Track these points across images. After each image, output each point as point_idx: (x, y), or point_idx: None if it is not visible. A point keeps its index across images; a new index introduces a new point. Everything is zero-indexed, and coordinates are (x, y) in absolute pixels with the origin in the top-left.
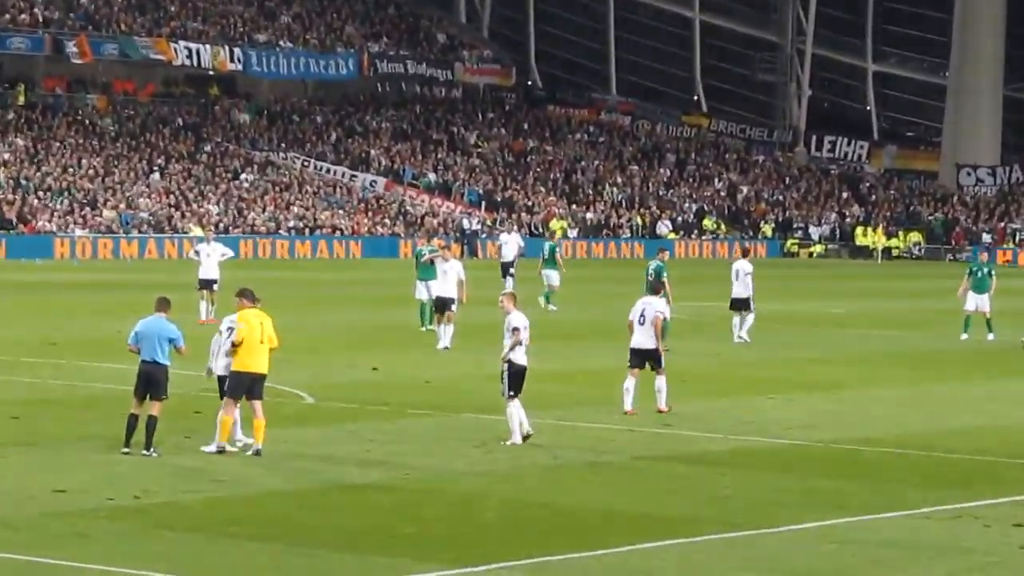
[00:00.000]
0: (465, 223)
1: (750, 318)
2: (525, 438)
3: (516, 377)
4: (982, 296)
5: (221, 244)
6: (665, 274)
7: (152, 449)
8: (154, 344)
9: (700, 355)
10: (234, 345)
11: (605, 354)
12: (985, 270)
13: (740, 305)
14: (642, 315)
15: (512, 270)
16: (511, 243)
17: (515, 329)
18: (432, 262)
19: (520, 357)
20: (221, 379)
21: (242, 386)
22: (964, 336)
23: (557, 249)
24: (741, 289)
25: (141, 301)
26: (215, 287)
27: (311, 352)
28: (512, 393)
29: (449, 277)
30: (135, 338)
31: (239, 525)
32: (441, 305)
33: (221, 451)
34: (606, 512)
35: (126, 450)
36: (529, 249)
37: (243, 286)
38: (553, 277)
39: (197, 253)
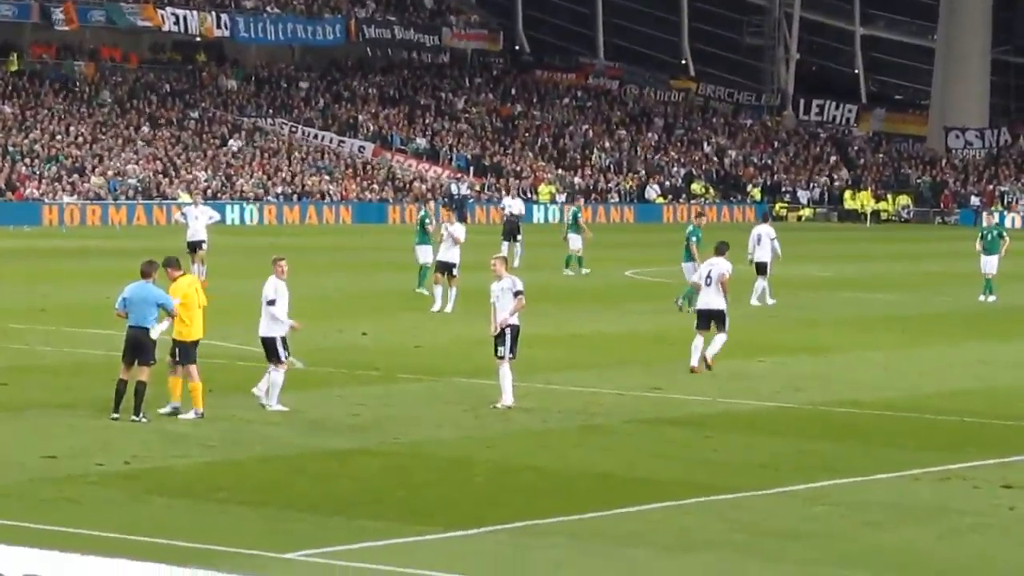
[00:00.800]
0: (454, 188)
1: (761, 283)
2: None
3: (517, 339)
4: (991, 257)
5: (209, 207)
6: (694, 239)
7: (141, 414)
8: (142, 309)
9: (687, 319)
10: (171, 316)
11: (593, 318)
12: (995, 232)
13: (762, 269)
14: (708, 276)
15: (519, 235)
16: (516, 206)
17: (518, 293)
18: (424, 227)
19: (516, 319)
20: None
21: (191, 353)
22: (983, 298)
23: (579, 214)
24: (763, 253)
25: (130, 268)
26: (204, 247)
27: (301, 317)
28: (512, 356)
29: (453, 243)
30: (123, 303)
31: (228, 490)
32: (445, 268)
33: (175, 412)
34: (596, 475)
35: (115, 416)
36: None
37: (168, 255)
38: (576, 241)
39: (184, 216)
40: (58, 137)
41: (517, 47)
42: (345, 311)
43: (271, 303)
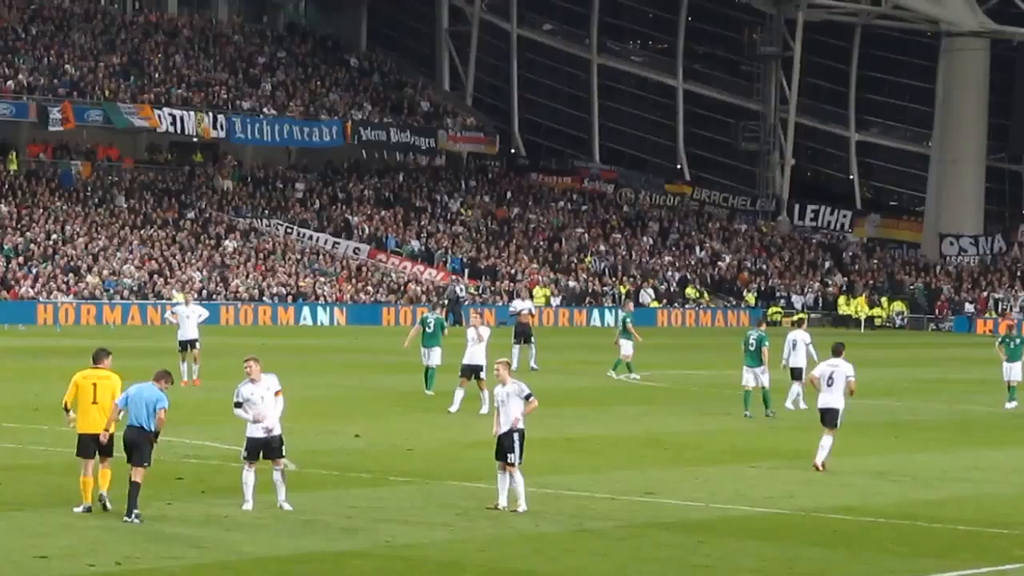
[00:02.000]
0: (459, 290)
1: (795, 388)
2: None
3: (523, 443)
4: (1015, 364)
5: (199, 306)
6: (767, 343)
7: (133, 515)
8: (142, 410)
9: (681, 423)
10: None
11: (587, 422)
12: (1018, 340)
13: (797, 375)
14: (831, 377)
15: (532, 337)
16: (526, 306)
17: (529, 396)
18: (440, 331)
19: (503, 425)
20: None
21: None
22: (1009, 405)
23: (629, 319)
24: (797, 359)
25: (124, 367)
26: (197, 347)
27: (293, 418)
28: (520, 461)
29: (480, 344)
30: (124, 400)
31: None
32: (472, 371)
33: (87, 511)
34: None
35: (135, 520)
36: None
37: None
38: (627, 347)
39: (175, 315)
40: (54, 236)
41: (513, 150)
42: (338, 412)
43: (238, 405)
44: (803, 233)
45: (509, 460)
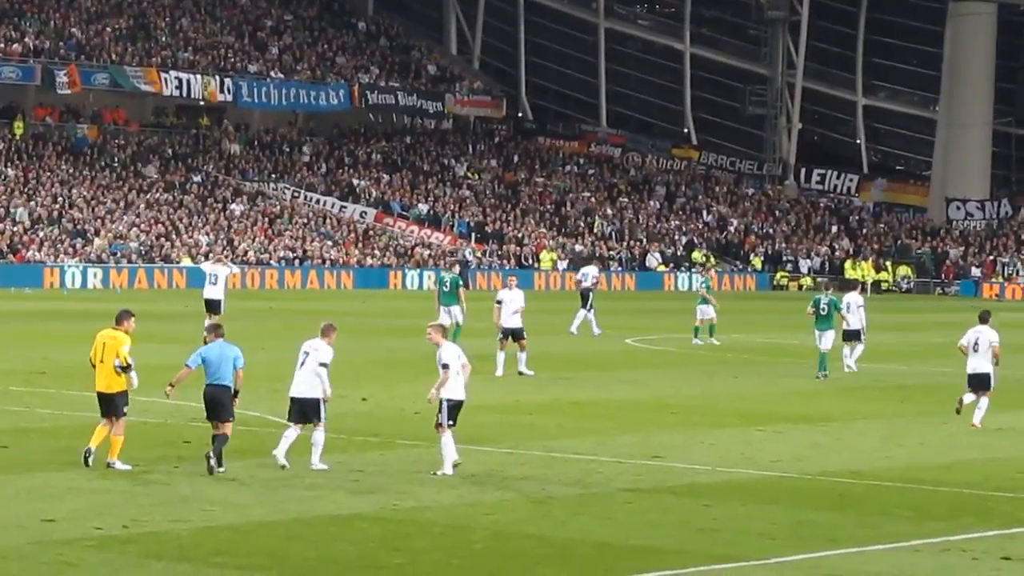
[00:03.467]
0: (468, 254)
1: (859, 348)
2: (454, 467)
3: (453, 411)
4: None
5: (225, 265)
6: (839, 307)
7: (223, 463)
8: (221, 367)
9: (689, 387)
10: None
11: (592, 386)
12: None
13: (852, 336)
14: (976, 343)
15: (591, 302)
16: (590, 274)
17: (444, 366)
18: (456, 289)
19: (455, 392)
20: (294, 400)
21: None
22: None
23: (706, 285)
24: (854, 321)
25: (136, 330)
26: (222, 309)
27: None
28: (451, 423)
29: (512, 307)
30: (197, 360)
31: (226, 555)
32: (512, 334)
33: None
34: (595, 544)
35: (220, 469)
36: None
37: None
38: (708, 311)
39: (213, 276)
40: (60, 200)
41: (520, 114)
42: (345, 376)
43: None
44: (810, 197)
45: (436, 423)
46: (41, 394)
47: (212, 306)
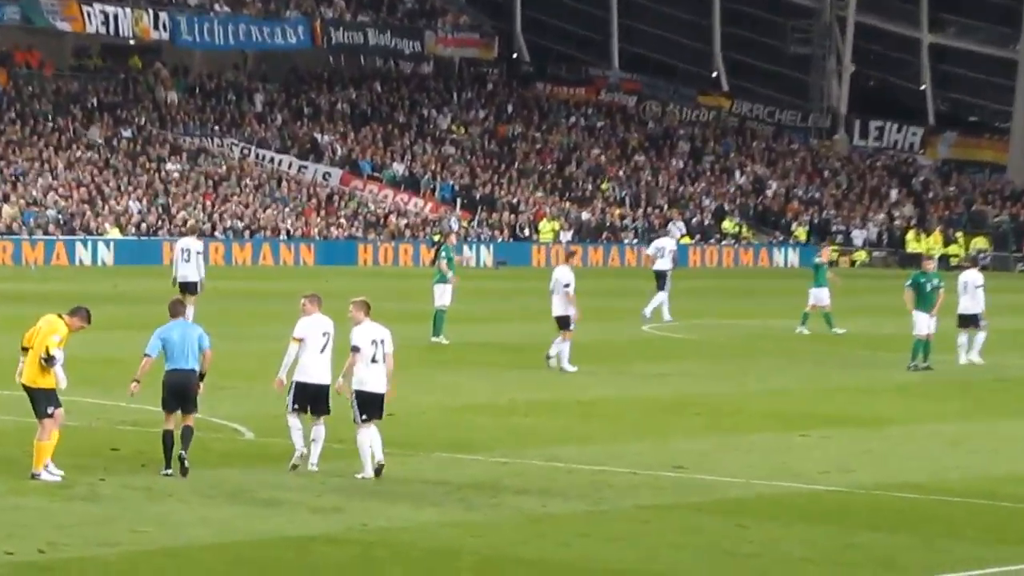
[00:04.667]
0: (453, 223)
1: (981, 336)
2: (378, 471)
3: (366, 404)
4: None
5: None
6: (943, 286)
7: (184, 460)
8: (185, 350)
9: (719, 383)
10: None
11: (603, 383)
12: None
13: (969, 322)
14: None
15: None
16: (667, 249)
17: (355, 348)
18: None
19: (371, 383)
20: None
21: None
22: None
23: (827, 265)
24: (970, 303)
25: (46, 315)
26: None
27: (250, 379)
28: (364, 417)
29: (559, 289)
30: (157, 347)
31: None
32: (561, 321)
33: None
34: (605, 571)
35: (167, 471)
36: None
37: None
38: (822, 295)
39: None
40: None
41: (515, 55)
42: None
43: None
44: (864, 154)
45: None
46: None
47: (188, 289)
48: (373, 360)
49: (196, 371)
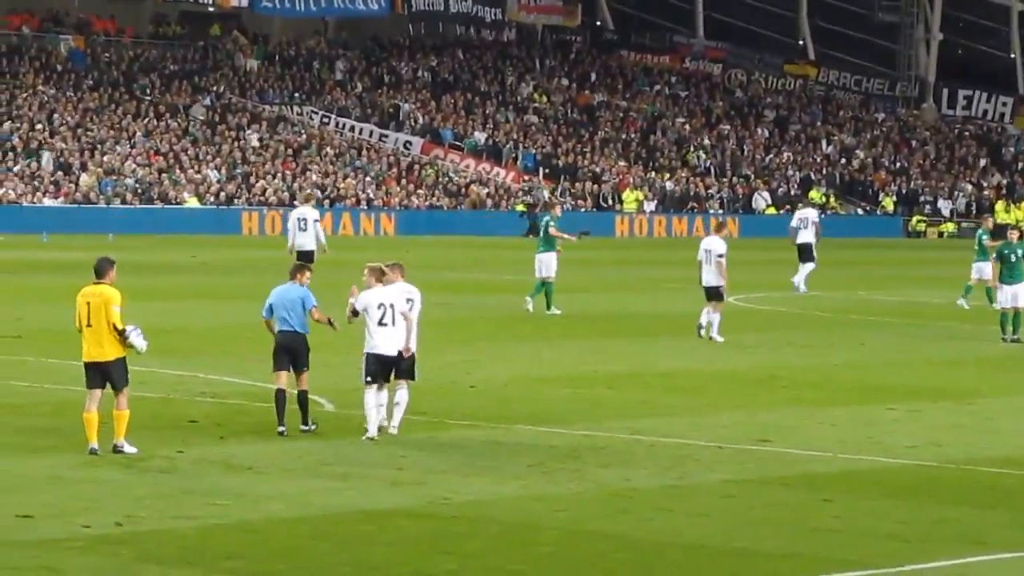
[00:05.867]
0: (547, 194)
1: None
2: (381, 431)
3: (373, 366)
4: None
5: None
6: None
7: (311, 423)
8: (291, 312)
9: (803, 356)
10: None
11: (686, 354)
12: None
13: None
14: None
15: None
16: (810, 219)
17: (353, 312)
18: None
19: (380, 345)
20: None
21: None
22: None
23: (986, 236)
24: None
25: (127, 285)
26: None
27: (331, 350)
28: (369, 379)
29: (710, 259)
30: (268, 311)
31: (238, 559)
32: (712, 293)
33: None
34: (687, 546)
35: (282, 429)
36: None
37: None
38: (984, 270)
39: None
40: (39, 127)
41: (599, 23)
42: None
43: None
44: (953, 124)
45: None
46: (16, 363)
47: (305, 257)
48: (381, 323)
49: (301, 333)
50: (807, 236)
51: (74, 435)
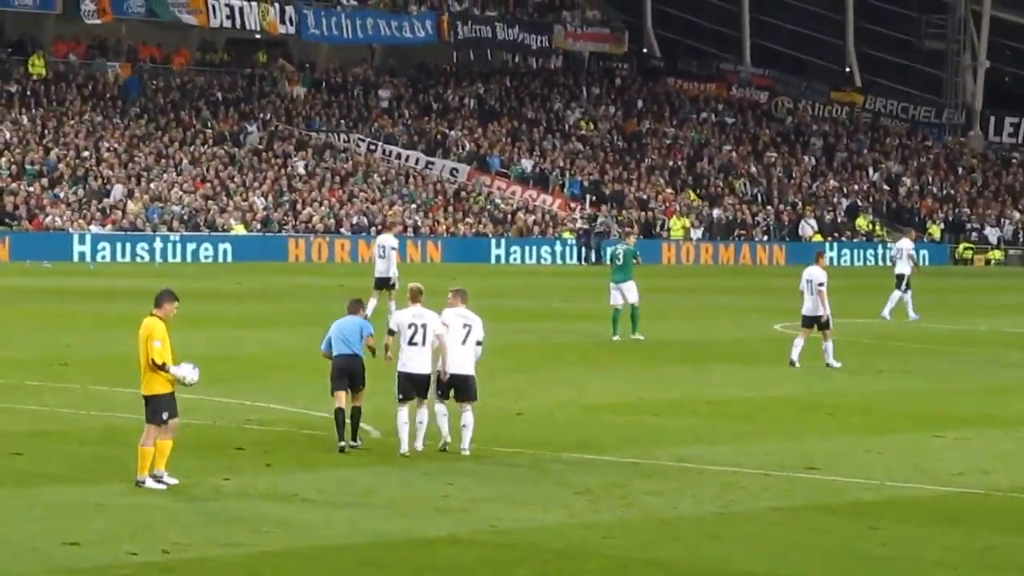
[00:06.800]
0: (611, 222)
1: None
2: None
3: (405, 384)
4: None
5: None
6: None
7: (359, 440)
8: (350, 338)
9: (850, 383)
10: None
11: (733, 381)
12: None
13: None
14: None
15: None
16: (905, 251)
17: (389, 332)
18: (624, 260)
19: (411, 364)
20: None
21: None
22: None
23: None
24: None
25: (180, 314)
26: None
27: (376, 376)
28: (401, 397)
29: (812, 288)
30: (327, 344)
31: None
32: (813, 322)
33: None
34: (734, 574)
35: (342, 444)
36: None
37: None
38: None
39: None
40: (86, 154)
41: (645, 50)
42: None
43: (479, 343)
44: (1000, 151)
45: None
46: (62, 390)
47: (381, 285)
48: (411, 342)
49: (359, 355)
50: (902, 267)
51: (120, 462)
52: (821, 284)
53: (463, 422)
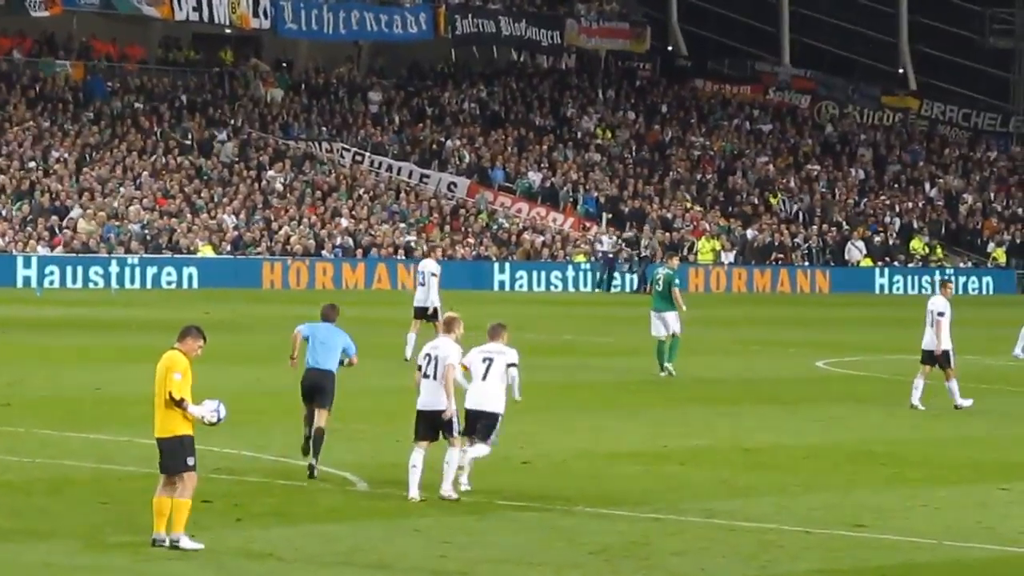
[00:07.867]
0: (606, 244)
1: None
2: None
3: (417, 419)
4: None
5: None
6: None
7: (318, 462)
8: (328, 352)
9: (903, 428)
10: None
11: (772, 427)
12: None
13: None
14: None
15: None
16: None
17: (418, 367)
18: (663, 286)
19: (420, 399)
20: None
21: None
22: None
23: None
24: None
25: (130, 347)
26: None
27: (363, 420)
28: (414, 436)
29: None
30: (306, 330)
31: None
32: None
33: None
34: None
35: (313, 462)
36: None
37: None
38: None
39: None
40: (32, 165)
41: (670, 48)
42: None
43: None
44: None
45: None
46: (5, 434)
47: (420, 314)
48: (425, 375)
49: (332, 371)
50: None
51: (73, 516)
52: (941, 314)
53: (472, 453)
